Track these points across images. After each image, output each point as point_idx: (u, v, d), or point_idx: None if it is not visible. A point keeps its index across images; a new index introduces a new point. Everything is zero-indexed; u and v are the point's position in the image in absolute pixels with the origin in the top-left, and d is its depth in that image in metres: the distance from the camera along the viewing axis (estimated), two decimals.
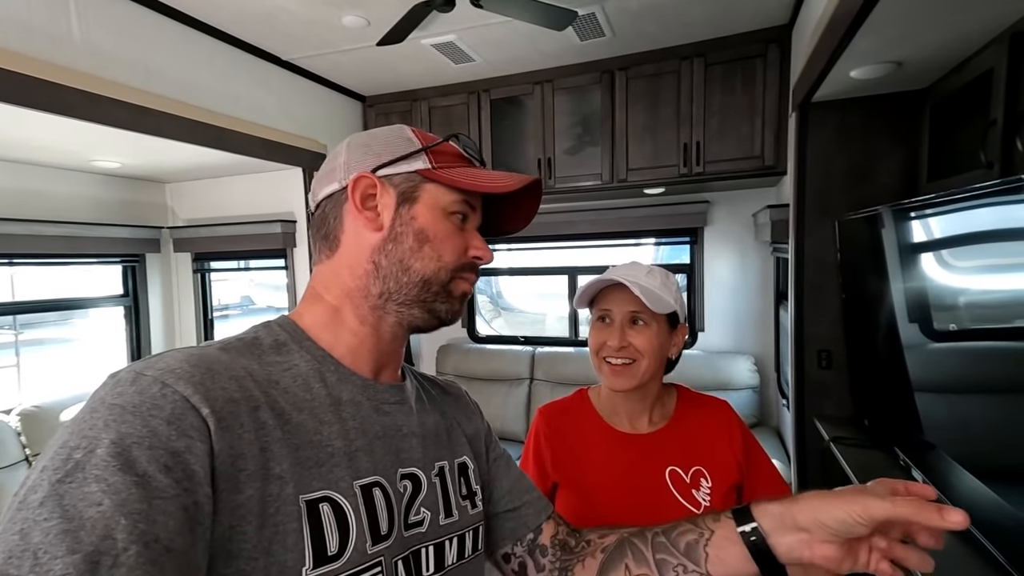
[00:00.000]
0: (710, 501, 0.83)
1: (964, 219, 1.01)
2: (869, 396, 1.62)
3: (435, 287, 0.53)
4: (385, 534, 0.47)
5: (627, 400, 0.90)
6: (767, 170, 2.26)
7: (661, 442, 0.88)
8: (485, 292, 3.69)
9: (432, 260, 0.53)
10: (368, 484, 0.47)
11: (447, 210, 0.54)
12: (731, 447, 0.88)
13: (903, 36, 1.21)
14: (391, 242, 0.52)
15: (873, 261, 1.43)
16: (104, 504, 0.32)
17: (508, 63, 2.53)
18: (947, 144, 1.48)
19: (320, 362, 0.50)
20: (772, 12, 2.08)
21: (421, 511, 0.53)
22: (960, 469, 1.08)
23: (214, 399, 0.39)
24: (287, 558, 0.40)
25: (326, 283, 0.54)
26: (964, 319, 1.09)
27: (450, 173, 0.54)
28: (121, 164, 2.59)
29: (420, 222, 0.53)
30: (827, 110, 1.72)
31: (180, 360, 0.40)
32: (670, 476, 0.85)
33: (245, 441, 0.40)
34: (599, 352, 0.87)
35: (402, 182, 0.53)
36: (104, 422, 0.35)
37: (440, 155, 0.55)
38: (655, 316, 0.84)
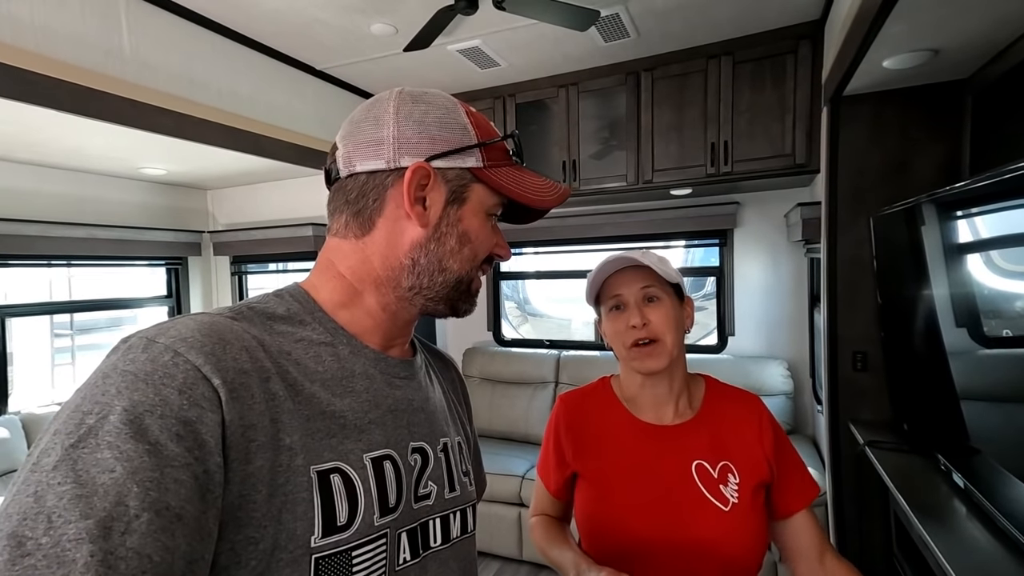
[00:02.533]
0: (738, 498, 0.79)
1: (1014, 217, 0.95)
2: (908, 400, 1.54)
3: (464, 286, 0.54)
4: (393, 506, 0.47)
5: (653, 387, 0.86)
6: (799, 168, 2.20)
7: (687, 434, 0.84)
8: (512, 298, 3.71)
9: (468, 261, 0.53)
10: (379, 457, 0.47)
11: (488, 212, 0.54)
12: (761, 443, 0.83)
13: (937, 22, 1.17)
14: (434, 241, 0.51)
15: (912, 260, 1.37)
16: (117, 471, 0.32)
17: (533, 67, 2.56)
18: (991, 135, 1.41)
19: (332, 335, 0.50)
20: (803, 7, 2.04)
21: (429, 484, 0.53)
22: (1009, 476, 1.01)
23: (225, 370, 0.39)
24: (296, 526, 0.40)
25: (350, 264, 0.52)
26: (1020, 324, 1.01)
27: (499, 176, 0.53)
28: (167, 171, 2.75)
29: (465, 225, 0.52)
30: (860, 103, 1.67)
31: (192, 328, 0.40)
32: (696, 470, 0.81)
33: (255, 412, 0.40)
34: (621, 339, 0.84)
35: (454, 179, 0.51)
36: (116, 388, 0.35)
37: (491, 151, 0.54)
38: (664, 289, 0.83)
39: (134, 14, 1.78)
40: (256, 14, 2.01)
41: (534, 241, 3.24)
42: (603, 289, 0.87)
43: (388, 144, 0.50)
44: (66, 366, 4.45)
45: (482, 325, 3.39)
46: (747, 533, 0.77)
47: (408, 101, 0.51)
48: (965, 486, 1.17)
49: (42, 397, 2.67)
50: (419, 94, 0.53)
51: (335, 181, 0.53)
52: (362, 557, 0.44)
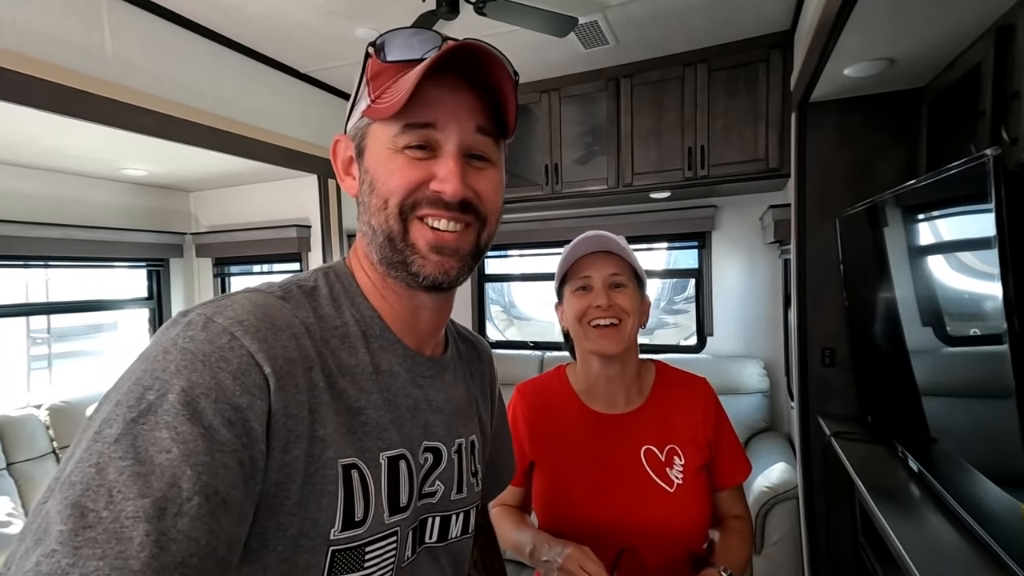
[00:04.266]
0: (682, 479, 0.84)
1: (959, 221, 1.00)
2: (873, 393, 1.60)
3: (397, 242, 0.46)
4: (404, 506, 0.47)
5: (607, 374, 0.88)
6: (772, 172, 2.27)
7: (637, 421, 0.88)
8: (498, 302, 3.74)
9: (380, 210, 0.46)
10: (395, 456, 0.47)
11: (395, 146, 0.46)
12: (704, 425, 0.88)
13: (890, 33, 1.24)
14: (362, 206, 0.49)
15: (875, 260, 1.44)
16: (173, 452, 0.33)
17: None
18: (944, 140, 1.49)
19: (368, 324, 0.49)
20: (773, 18, 2.12)
21: (436, 483, 0.53)
22: (961, 463, 1.07)
23: (275, 357, 0.39)
24: (320, 516, 0.41)
25: (361, 244, 0.52)
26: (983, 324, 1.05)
27: (383, 99, 0.45)
28: (148, 172, 2.73)
29: (370, 173, 0.47)
30: (826, 110, 1.74)
31: (248, 310, 0.40)
32: (645, 455, 0.85)
33: (298, 402, 0.40)
34: (583, 318, 0.86)
35: (356, 134, 0.48)
36: (176, 367, 0.36)
37: (378, 78, 0.46)
38: (630, 277, 0.87)
39: (116, 15, 1.78)
40: (240, 18, 2.03)
41: (519, 244, 3.29)
42: (571, 269, 0.89)
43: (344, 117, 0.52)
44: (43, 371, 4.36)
45: (467, 327, 3.42)
46: (691, 511, 0.83)
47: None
48: (919, 470, 1.23)
49: (18, 400, 2.62)
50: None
51: None
52: (373, 553, 0.44)
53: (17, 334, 4.06)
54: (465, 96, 0.46)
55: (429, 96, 0.44)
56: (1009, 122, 1.05)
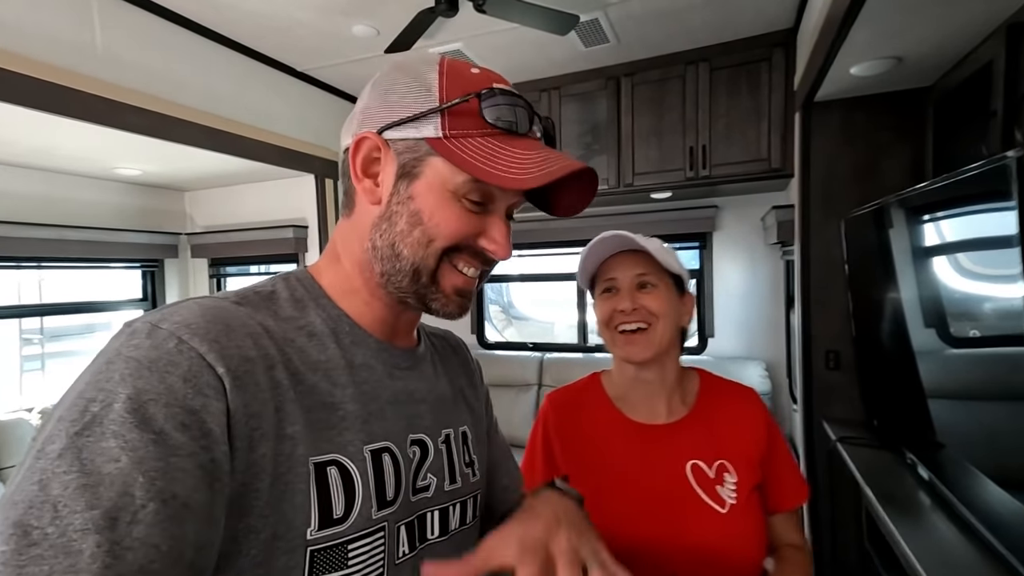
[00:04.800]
0: (735, 498, 0.74)
1: (971, 222, 0.99)
2: (878, 397, 1.58)
3: (424, 277, 0.47)
4: (391, 499, 0.46)
5: (644, 381, 0.81)
6: (774, 173, 2.25)
7: (681, 432, 0.79)
8: (497, 302, 3.71)
9: (421, 246, 0.46)
10: (378, 449, 0.46)
11: (456, 193, 0.46)
12: (756, 441, 0.79)
13: (899, 30, 1.21)
14: (385, 221, 0.47)
15: (881, 261, 1.42)
16: (122, 461, 0.32)
17: (515, 71, 2.58)
18: (951, 140, 1.46)
19: (336, 322, 0.49)
20: (776, 17, 2.09)
21: (428, 477, 0.52)
22: (970, 469, 1.05)
23: (230, 357, 0.38)
24: (294, 517, 0.40)
25: (345, 244, 0.51)
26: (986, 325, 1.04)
27: (464, 147, 0.44)
28: (142, 172, 2.70)
29: (417, 203, 0.46)
30: (831, 109, 1.72)
31: (196, 314, 0.39)
32: (691, 470, 0.76)
33: (260, 400, 0.39)
34: (609, 323, 0.80)
35: (405, 151, 0.46)
36: (120, 375, 0.35)
37: (459, 117, 0.45)
38: (662, 277, 0.79)
39: (107, 11, 1.75)
40: (235, 15, 1.99)
41: (517, 244, 3.25)
42: (599, 271, 0.83)
43: (357, 118, 0.49)
44: (36, 372, 4.31)
45: (466, 328, 3.39)
46: (746, 535, 0.74)
47: (391, 70, 0.49)
48: (930, 479, 1.20)
49: (10, 403, 2.58)
50: (405, 61, 0.49)
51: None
52: (359, 550, 0.43)
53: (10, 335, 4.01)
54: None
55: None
56: (1022, 121, 1.03)
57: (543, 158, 0.46)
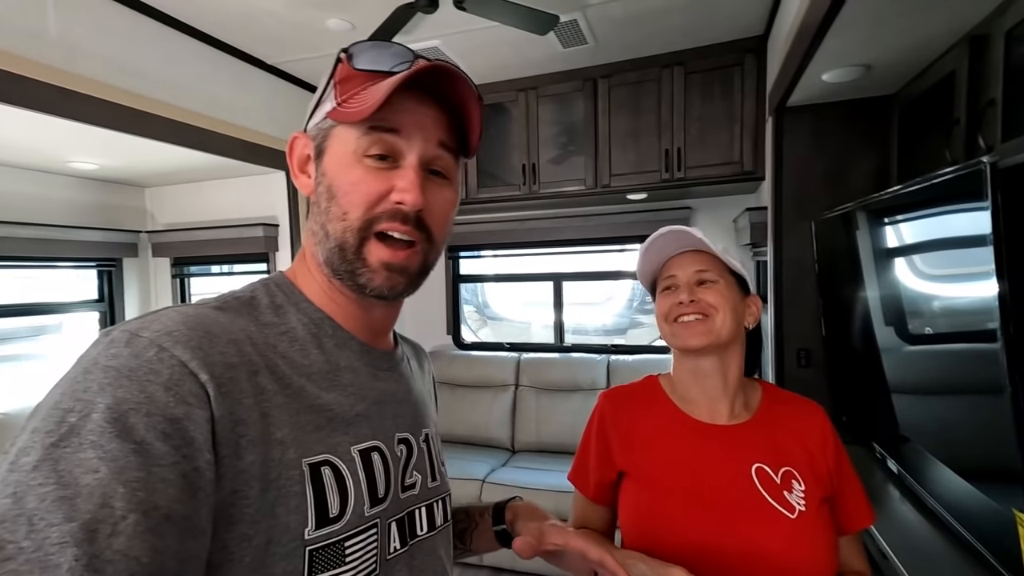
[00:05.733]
0: (805, 506, 0.70)
1: (933, 225, 1.03)
2: (846, 394, 1.64)
3: (349, 253, 0.47)
4: (382, 497, 0.47)
5: (704, 377, 0.78)
6: (746, 175, 2.31)
7: (745, 435, 0.76)
8: (471, 302, 3.68)
9: (339, 220, 0.46)
10: (367, 449, 0.47)
11: (358, 153, 0.46)
12: (824, 455, 0.75)
13: (870, 39, 1.26)
14: (315, 206, 0.49)
15: (848, 263, 1.47)
16: (101, 471, 0.31)
17: (493, 70, 2.56)
18: (915, 147, 1.53)
19: (317, 326, 0.49)
20: (748, 23, 2.15)
21: (414, 474, 0.53)
22: (934, 460, 1.09)
23: (213, 364, 0.38)
24: (290, 520, 0.40)
25: (307, 244, 0.52)
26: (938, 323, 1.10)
27: (351, 104, 0.45)
28: (98, 166, 2.55)
29: (329, 177, 0.47)
30: (802, 114, 1.77)
31: (177, 322, 0.39)
32: (757, 474, 0.73)
33: (245, 407, 0.39)
34: (668, 316, 0.78)
35: (317, 134, 0.49)
36: (99, 385, 0.34)
37: (346, 83, 0.47)
38: (723, 274, 0.77)
39: None
40: (200, 3, 1.91)
41: (493, 244, 3.24)
42: (659, 272, 0.82)
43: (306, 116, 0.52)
44: None
45: (441, 329, 3.35)
46: (817, 544, 0.70)
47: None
48: (899, 471, 1.25)
49: None
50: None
51: None
52: (354, 547, 0.44)
53: None
54: (431, 110, 0.48)
55: (396, 105, 0.45)
56: (984, 129, 1.08)
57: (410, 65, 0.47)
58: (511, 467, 2.65)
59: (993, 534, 0.86)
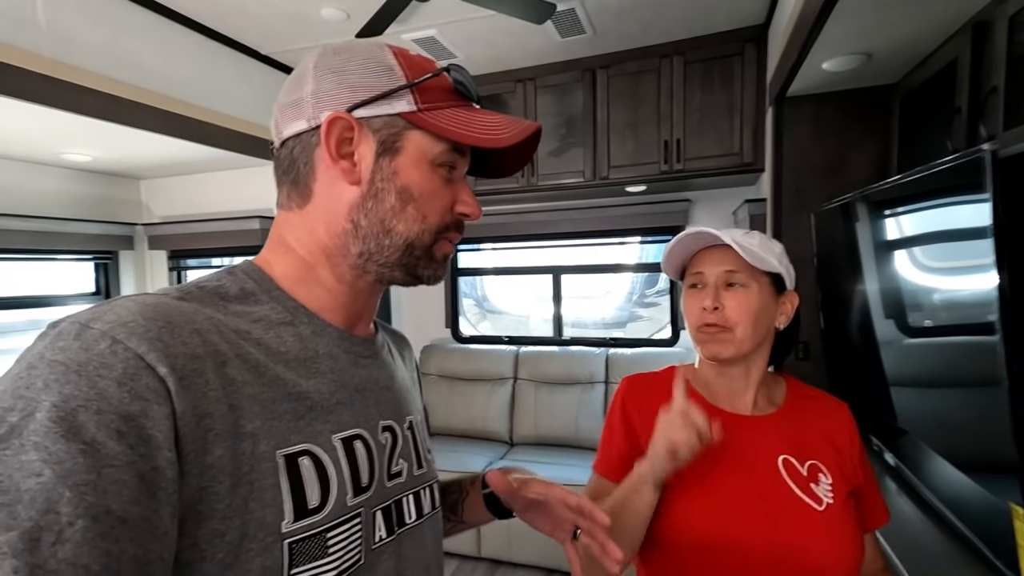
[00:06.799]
0: (832, 498, 0.70)
1: (933, 216, 1.02)
2: (844, 386, 1.63)
3: (418, 251, 0.50)
4: (366, 486, 0.47)
5: (727, 375, 0.77)
6: (746, 167, 2.29)
7: (770, 427, 0.75)
8: (471, 295, 3.67)
9: (416, 222, 0.49)
10: (349, 437, 0.46)
11: (434, 162, 0.48)
12: (850, 451, 0.75)
13: (870, 26, 1.23)
14: (371, 199, 0.48)
15: (848, 254, 1.45)
16: (45, 475, 0.29)
17: (490, 61, 2.53)
18: (916, 137, 1.51)
19: (293, 314, 0.48)
20: (748, 12, 2.12)
21: (400, 462, 0.53)
22: (932, 453, 1.09)
23: (173, 356, 0.36)
24: (265, 514, 0.39)
25: (298, 236, 0.50)
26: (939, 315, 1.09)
27: (439, 118, 0.48)
28: (92, 158, 2.53)
29: (403, 178, 0.48)
30: (802, 104, 1.75)
31: (133, 312, 0.37)
32: (783, 465, 0.72)
33: (211, 399, 0.37)
34: (693, 323, 0.77)
35: (382, 127, 0.47)
36: (44, 381, 0.32)
37: (427, 92, 0.48)
38: (755, 276, 0.73)
39: None
40: None
41: (492, 237, 3.23)
42: (689, 264, 0.80)
43: (307, 101, 0.47)
44: None
45: (440, 322, 3.35)
46: (844, 537, 0.69)
47: (328, 54, 0.49)
48: (896, 464, 1.24)
49: None
50: (342, 45, 0.49)
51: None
52: (337, 538, 0.43)
53: None
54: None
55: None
56: (986, 118, 1.06)
57: (507, 120, 0.51)
58: (509, 460, 2.65)
59: (989, 528, 0.85)
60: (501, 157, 0.55)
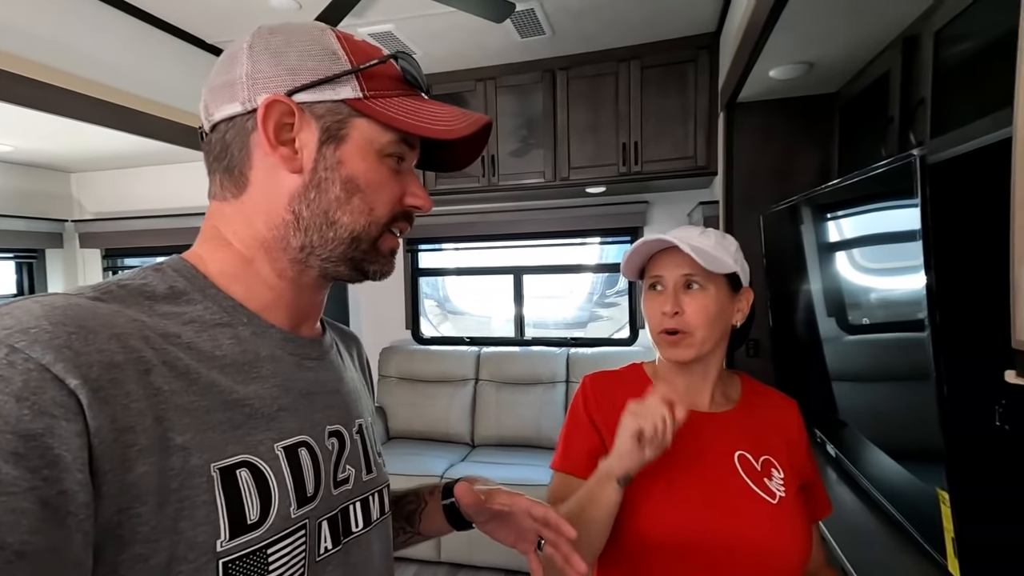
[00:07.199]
0: (784, 492, 0.74)
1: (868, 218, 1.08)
2: (791, 382, 1.70)
3: (364, 244, 0.47)
4: (311, 495, 0.45)
5: (687, 373, 0.80)
6: (700, 170, 2.36)
7: (726, 423, 0.78)
8: (432, 296, 3.62)
9: (362, 214, 0.46)
10: (293, 445, 0.44)
11: (382, 152, 0.47)
12: (800, 447, 0.80)
13: (812, 37, 1.29)
14: (313, 189, 0.45)
15: (794, 255, 1.52)
16: None
17: (450, 58, 2.50)
18: (854, 144, 1.59)
19: (230, 314, 0.44)
20: (700, 20, 2.18)
21: (347, 468, 0.51)
22: (868, 444, 1.15)
23: (87, 365, 0.32)
24: (197, 533, 0.36)
25: (235, 228, 0.47)
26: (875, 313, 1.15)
27: (387, 106, 0.46)
28: (14, 148, 2.33)
29: (349, 168, 0.45)
30: (752, 110, 1.82)
31: (36, 315, 0.33)
32: (739, 460, 0.75)
33: (133, 412, 0.34)
34: (654, 326, 0.79)
35: (326, 114, 0.45)
36: None
37: (374, 79, 0.46)
38: (711, 278, 0.75)
39: None
40: None
41: (454, 237, 3.19)
42: (648, 264, 0.81)
43: (242, 83, 0.44)
44: None
45: (400, 323, 3.28)
46: (795, 530, 0.73)
47: (264, 34, 0.46)
48: (837, 455, 1.31)
49: None
50: (279, 26, 0.46)
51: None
52: (279, 553, 0.41)
53: None
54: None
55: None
56: (915, 127, 1.13)
57: (457, 112, 0.49)
58: (471, 462, 2.63)
59: (919, 513, 0.90)
60: (451, 150, 0.53)
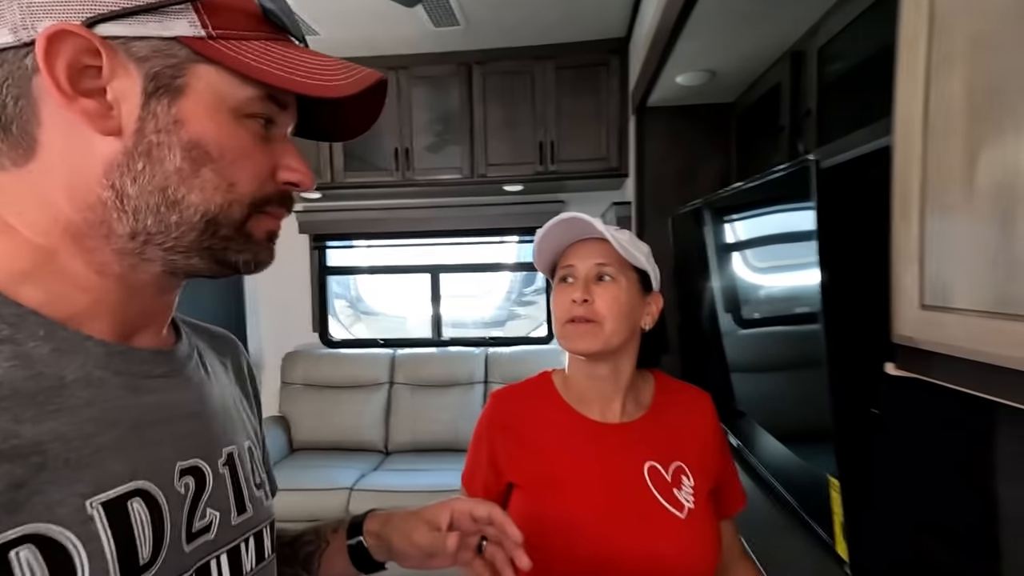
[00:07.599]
0: (694, 503, 0.73)
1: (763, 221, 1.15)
2: (696, 376, 1.80)
3: (225, 229, 0.37)
4: (147, 562, 0.34)
5: (597, 379, 0.77)
6: (612, 171, 2.43)
7: (637, 433, 0.76)
8: (343, 296, 3.40)
9: (218, 191, 0.36)
10: (119, 497, 0.34)
11: (239, 111, 0.36)
12: (712, 444, 0.79)
13: (713, 46, 1.36)
14: (141, 158, 0.34)
15: (698, 256, 1.60)
16: None
17: (357, 42, 2.35)
18: (750, 151, 1.71)
19: (16, 325, 0.33)
20: (611, 25, 2.24)
21: (208, 513, 0.40)
22: (764, 432, 1.23)
23: None
24: None
25: (21, 209, 0.34)
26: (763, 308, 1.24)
27: (242, 51, 0.35)
28: None
29: (192, 130, 0.35)
30: (660, 115, 1.89)
31: None
32: (649, 472, 0.74)
33: None
34: (561, 317, 0.75)
35: (151, 55, 0.33)
36: None
37: (222, 13, 0.35)
38: (624, 270, 0.74)
39: None
40: None
41: (366, 234, 3.02)
42: (560, 258, 0.77)
43: (14, 7, 0.31)
44: None
45: (307, 326, 3.04)
46: (706, 543, 0.73)
47: None
48: (737, 445, 1.38)
49: None
50: None
51: None
52: None
53: None
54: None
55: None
56: (803, 136, 1.22)
57: (340, 64, 0.39)
58: (384, 470, 2.50)
59: (812, 498, 0.97)
60: (338, 113, 0.43)
